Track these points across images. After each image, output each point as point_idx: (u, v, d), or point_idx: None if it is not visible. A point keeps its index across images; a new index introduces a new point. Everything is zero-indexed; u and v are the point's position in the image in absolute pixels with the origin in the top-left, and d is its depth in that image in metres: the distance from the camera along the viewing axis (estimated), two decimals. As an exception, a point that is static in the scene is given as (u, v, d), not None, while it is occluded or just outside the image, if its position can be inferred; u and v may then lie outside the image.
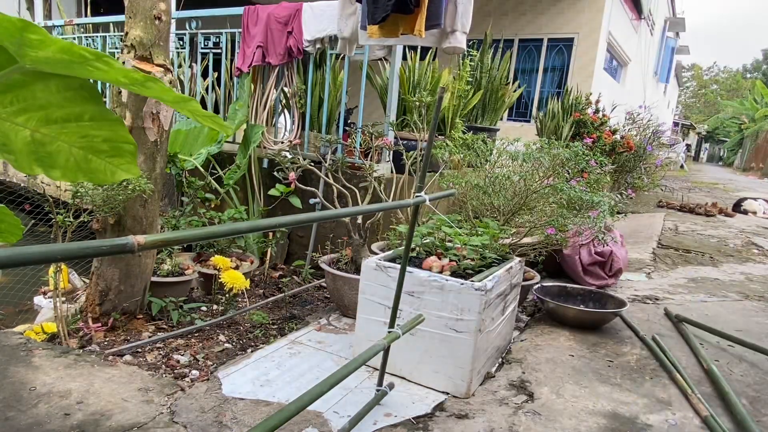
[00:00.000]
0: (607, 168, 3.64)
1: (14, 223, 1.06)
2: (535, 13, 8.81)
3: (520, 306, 3.08)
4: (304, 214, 1.13)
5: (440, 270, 2.18)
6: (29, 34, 0.64)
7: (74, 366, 2.01)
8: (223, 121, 0.90)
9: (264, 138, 3.96)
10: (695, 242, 5.27)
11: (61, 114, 0.85)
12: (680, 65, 24.62)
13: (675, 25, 15.50)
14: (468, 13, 2.95)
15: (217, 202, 3.81)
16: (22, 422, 1.62)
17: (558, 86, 8.85)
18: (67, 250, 0.65)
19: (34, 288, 3.42)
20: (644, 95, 13.50)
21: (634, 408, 1.96)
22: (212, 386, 2.00)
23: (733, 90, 46.34)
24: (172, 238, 0.79)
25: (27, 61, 0.71)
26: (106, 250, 0.69)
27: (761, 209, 7.65)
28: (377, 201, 3.42)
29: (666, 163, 8.37)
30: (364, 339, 2.24)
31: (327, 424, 1.78)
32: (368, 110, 4.16)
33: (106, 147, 0.90)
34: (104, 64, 0.71)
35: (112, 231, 2.42)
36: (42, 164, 0.89)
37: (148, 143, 2.40)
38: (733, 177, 18.39)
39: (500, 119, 5.44)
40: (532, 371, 2.24)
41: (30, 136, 0.85)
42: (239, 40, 4.11)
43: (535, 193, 3.16)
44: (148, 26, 2.29)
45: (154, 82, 0.77)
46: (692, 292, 3.57)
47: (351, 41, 3.37)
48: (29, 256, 0.62)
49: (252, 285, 3.32)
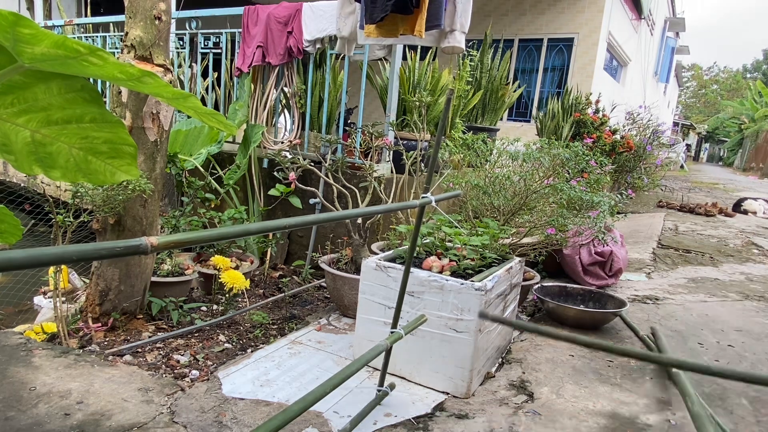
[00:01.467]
0: (607, 168, 3.64)
1: (14, 224, 1.06)
2: (535, 13, 8.81)
3: (520, 306, 3.08)
4: (311, 215, 1.13)
5: (440, 270, 2.18)
6: (22, 29, 0.64)
7: (74, 366, 2.01)
8: (225, 119, 0.90)
9: (264, 138, 3.96)
10: (695, 242, 5.27)
11: (62, 115, 0.85)
12: (680, 65, 24.62)
13: (675, 25, 15.50)
14: (467, 12, 2.95)
15: (217, 202, 3.81)
16: (22, 422, 1.62)
17: (558, 86, 8.85)
18: (82, 251, 0.66)
19: (34, 288, 3.42)
20: (644, 95, 13.51)
21: (634, 408, 1.96)
22: (212, 386, 2.00)
23: (734, 90, 46.33)
24: (185, 240, 0.79)
25: (25, 59, 0.71)
26: (121, 251, 0.69)
27: (761, 209, 7.65)
28: (377, 201, 3.43)
29: (666, 163, 8.38)
30: (364, 339, 2.24)
31: (327, 424, 1.78)
32: (368, 110, 4.17)
33: (106, 148, 0.90)
34: (98, 59, 0.70)
35: (112, 231, 2.43)
36: (42, 164, 0.89)
37: (148, 143, 2.40)
38: (733, 177, 18.38)
39: (500, 119, 5.44)
40: (532, 371, 2.25)
41: (30, 136, 0.85)
42: (239, 40, 4.11)
43: (535, 193, 3.16)
44: (148, 26, 2.29)
45: (151, 77, 0.76)
46: (692, 292, 3.57)
47: (350, 41, 3.37)
48: (45, 257, 0.62)
49: (252, 285, 3.32)
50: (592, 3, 8.31)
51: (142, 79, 0.77)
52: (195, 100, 0.85)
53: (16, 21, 0.63)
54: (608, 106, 7.60)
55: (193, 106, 0.86)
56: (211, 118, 0.90)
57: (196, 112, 0.88)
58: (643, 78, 13.41)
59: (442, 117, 1.54)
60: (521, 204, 3.19)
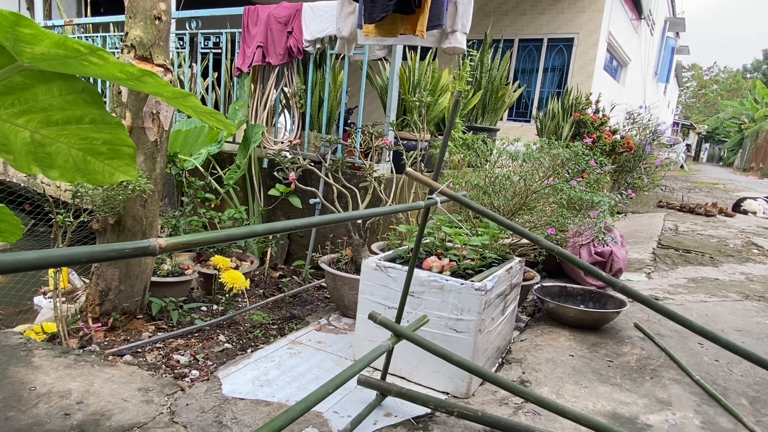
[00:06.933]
0: (607, 168, 3.64)
1: (14, 223, 1.06)
2: (535, 13, 8.81)
3: (520, 306, 3.08)
4: (316, 217, 1.13)
5: (440, 270, 2.18)
6: (22, 29, 0.64)
7: (74, 366, 2.01)
8: (225, 118, 0.90)
9: (264, 138, 3.96)
10: (695, 242, 5.27)
11: (62, 116, 0.85)
12: (680, 65, 24.61)
13: (675, 25, 15.50)
14: (468, 13, 2.95)
15: (217, 202, 3.81)
16: (22, 422, 1.63)
17: (558, 86, 8.85)
18: (91, 252, 0.67)
19: (34, 288, 3.42)
20: (644, 95, 13.51)
21: (634, 408, 1.96)
22: (212, 386, 2.00)
23: (734, 90, 46.32)
24: (193, 241, 0.79)
25: (25, 58, 0.71)
26: (129, 253, 0.70)
27: (761, 209, 7.65)
28: (377, 201, 3.42)
29: (666, 163, 8.38)
30: (365, 339, 2.24)
31: (327, 424, 1.78)
32: (368, 110, 4.17)
33: (106, 149, 0.90)
34: (99, 58, 0.70)
35: (112, 231, 2.43)
36: (41, 164, 0.89)
37: (148, 143, 2.40)
38: (733, 177, 18.38)
39: (500, 119, 5.44)
40: (532, 371, 2.24)
41: (30, 137, 0.86)
42: (239, 40, 4.11)
43: (535, 193, 3.16)
44: (148, 26, 2.29)
45: (151, 76, 0.76)
46: (692, 292, 3.57)
47: (349, 41, 3.37)
48: (55, 258, 0.63)
49: (252, 285, 3.32)
50: (592, 3, 8.31)
51: (142, 79, 0.77)
52: (195, 100, 0.85)
53: (16, 21, 0.63)
54: (608, 106, 7.60)
55: (193, 106, 0.86)
56: (211, 117, 0.90)
57: (195, 112, 0.88)
58: (643, 78, 13.41)
59: (449, 118, 1.54)
60: (521, 204, 3.18)
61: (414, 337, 1.62)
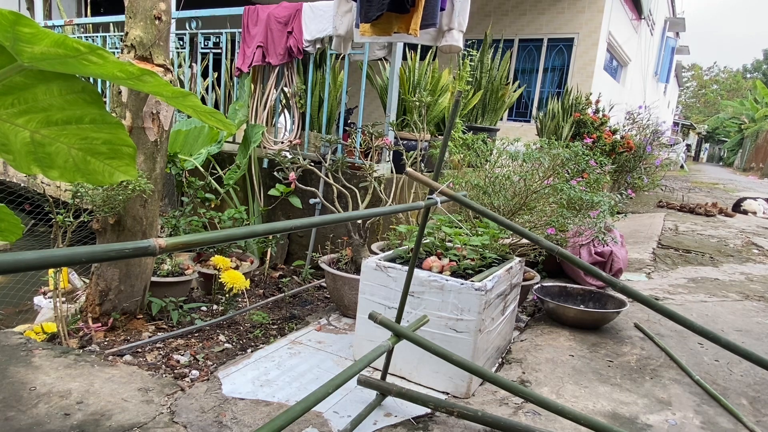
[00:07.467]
0: (607, 168, 3.64)
1: (14, 222, 1.06)
2: (535, 13, 8.81)
3: (520, 306, 3.08)
4: (317, 217, 1.13)
5: (440, 270, 2.18)
6: (22, 28, 0.64)
7: (74, 366, 2.01)
8: (224, 117, 0.90)
9: (264, 138, 3.96)
10: (695, 242, 5.27)
11: (62, 116, 0.85)
12: (680, 65, 24.61)
13: (675, 25, 15.50)
14: (465, 11, 2.95)
15: (217, 202, 3.81)
16: (22, 422, 1.62)
17: (558, 86, 8.86)
18: (91, 252, 0.67)
19: (34, 288, 3.42)
20: (644, 95, 13.51)
21: (634, 408, 1.96)
22: (212, 386, 2.00)
23: (734, 90, 46.33)
24: (193, 241, 0.79)
25: (25, 58, 0.71)
26: (129, 253, 0.70)
27: (761, 209, 7.65)
28: (377, 201, 3.42)
29: (666, 163, 8.38)
30: (365, 339, 2.24)
31: (327, 424, 1.78)
32: (368, 110, 4.17)
33: (105, 149, 0.90)
34: (99, 58, 0.70)
35: (112, 231, 2.42)
36: (40, 164, 0.89)
37: (148, 143, 2.40)
38: (733, 177, 18.38)
39: (500, 119, 5.44)
40: (532, 371, 2.24)
41: (30, 137, 0.85)
42: (239, 40, 4.11)
43: (535, 193, 3.16)
44: (148, 26, 2.29)
45: (151, 75, 0.76)
46: (692, 292, 3.57)
47: (346, 39, 3.38)
48: (56, 258, 0.63)
49: (252, 285, 3.32)
50: (592, 3, 8.31)
51: (142, 78, 0.77)
52: (194, 99, 0.85)
53: (16, 20, 0.63)
54: (608, 106, 7.60)
55: (193, 105, 0.86)
56: (211, 116, 0.90)
57: (195, 111, 0.88)
58: (643, 78, 13.41)
59: (449, 118, 1.54)
60: (521, 204, 3.18)
61: (414, 337, 1.62)
